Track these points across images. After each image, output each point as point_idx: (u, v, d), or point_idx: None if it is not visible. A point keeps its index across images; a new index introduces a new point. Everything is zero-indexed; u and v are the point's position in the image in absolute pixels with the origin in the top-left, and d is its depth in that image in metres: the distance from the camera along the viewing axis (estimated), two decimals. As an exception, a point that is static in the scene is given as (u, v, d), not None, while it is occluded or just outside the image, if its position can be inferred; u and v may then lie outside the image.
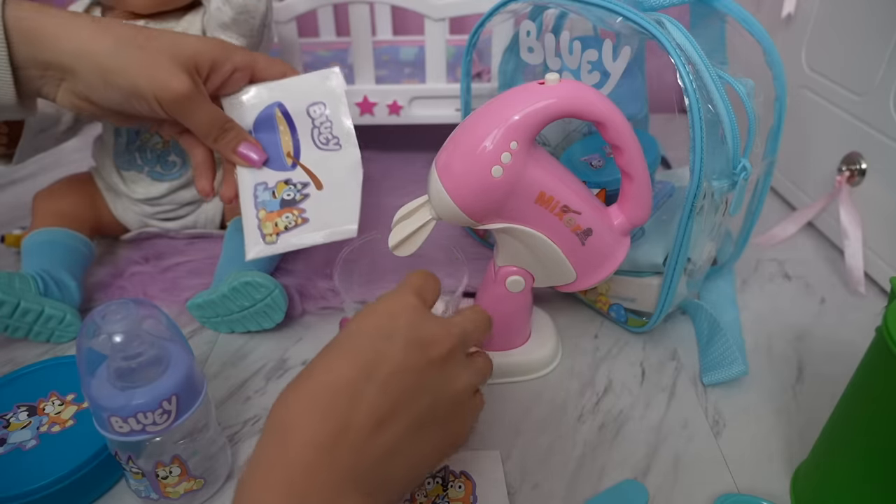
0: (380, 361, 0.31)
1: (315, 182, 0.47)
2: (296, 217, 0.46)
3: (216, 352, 0.58)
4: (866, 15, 0.64)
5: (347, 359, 0.31)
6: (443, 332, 0.34)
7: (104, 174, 0.69)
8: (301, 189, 0.47)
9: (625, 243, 0.48)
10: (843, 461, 0.39)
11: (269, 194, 0.47)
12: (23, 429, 0.45)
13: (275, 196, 0.47)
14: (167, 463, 0.39)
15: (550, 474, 0.45)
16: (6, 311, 0.54)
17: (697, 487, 0.44)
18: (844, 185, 0.67)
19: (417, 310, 0.34)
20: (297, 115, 0.48)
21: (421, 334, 0.33)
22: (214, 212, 0.71)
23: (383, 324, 0.32)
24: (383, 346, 0.31)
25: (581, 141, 0.61)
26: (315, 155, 0.48)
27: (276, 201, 0.47)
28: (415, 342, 0.32)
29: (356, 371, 0.30)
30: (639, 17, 0.46)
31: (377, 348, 0.31)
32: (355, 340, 0.32)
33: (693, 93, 0.44)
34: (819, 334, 0.59)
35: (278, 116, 0.48)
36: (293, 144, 0.48)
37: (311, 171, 0.47)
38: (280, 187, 0.47)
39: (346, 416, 0.29)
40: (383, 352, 0.31)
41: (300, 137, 0.48)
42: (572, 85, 0.41)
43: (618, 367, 0.55)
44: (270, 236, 0.47)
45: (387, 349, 0.31)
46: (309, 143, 0.48)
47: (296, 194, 0.47)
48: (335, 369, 0.31)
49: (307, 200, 0.47)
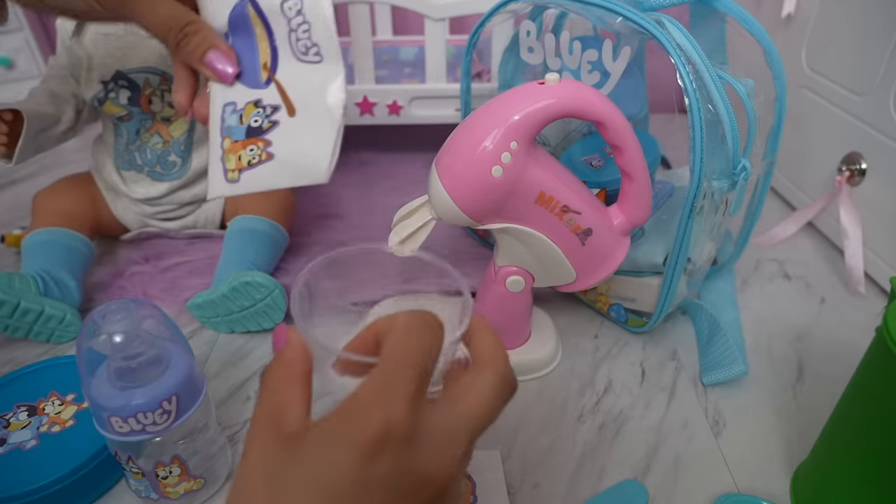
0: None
1: (287, 105, 0.37)
2: (260, 151, 0.36)
3: (216, 352, 0.58)
4: (866, 15, 0.64)
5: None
6: (442, 464, 0.24)
7: (104, 174, 0.69)
8: (270, 114, 0.37)
9: (625, 243, 0.48)
10: (842, 461, 0.39)
11: (237, 118, 0.37)
12: (23, 429, 0.45)
13: (242, 121, 0.37)
14: (167, 463, 0.39)
15: (550, 474, 0.45)
16: (6, 311, 0.54)
17: (697, 487, 0.44)
18: (844, 185, 0.67)
19: (404, 435, 0.23)
20: (271, 12, 0.37)
21: (412, 477, 0.23)
22: (214, 212, 0.71)
23: (358, 468, 0.22)
24: (360, 501, 0.22)
25: (581, 141, 0.61)
26: (292, 69, 0.37)
27: (241, 128, 0.37)
28: (403, 490, 0.23)
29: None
30: (639, 17, 0.46)
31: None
32: (317, 492, 0.22)
33: (693, 93, 0.44)
34: (819, 334, 0.59)
35: (251, 14, 0.37)
36: (270, 53, 0.37)
37: (285, 91, 0.37)
38: (248, 110, 0.37)
39: None
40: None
41: (277, 43, 0.37)
42: (572, 85, 0.41)
43: (618, 367, 0.55)
44: (233, 172, 0.37)
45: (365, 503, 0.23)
46: (287, 52, 0.37)
47: (263, 121, 0.37)
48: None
49: (275, 130, 0.37)
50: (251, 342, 0.59)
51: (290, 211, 0.71)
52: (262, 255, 0.63)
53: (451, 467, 0.24)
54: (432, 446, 0.24)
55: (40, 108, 0.61)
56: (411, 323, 0.26)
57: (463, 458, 0.25)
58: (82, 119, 0.66)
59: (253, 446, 0.25)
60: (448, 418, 0.25)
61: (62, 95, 0.64)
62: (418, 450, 0.23)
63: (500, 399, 0.27)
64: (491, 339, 0.29)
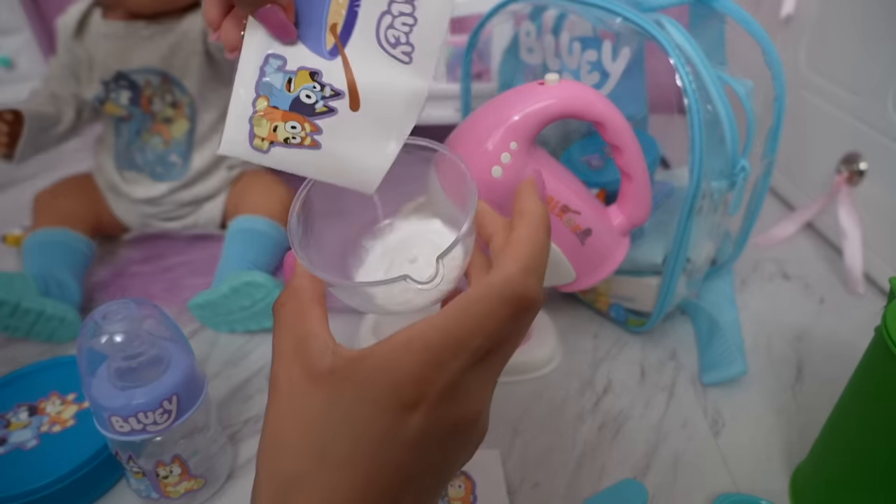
0: (395, 474, 0.23)
1: (352, 95, 0.29)
2: (304, 134, 0.29)
3: (217, 351, 0.58)
4: (865, 15, 0.65)
5: (355, 474, 0.22)
6: (471, 409, 0.24)
7: (105, 174, 0.69)
8: (328, 97, 0.29)
9: (624, 243, 0.48)
10: (842, 460, 0.39)
11: (282, 81, 0.29)
12: (23, 428, 0.45)
13: (289, 88, 0.29)
14: (168, 462, 0.40)
15: (550, 474, 0.45)
16: (6, 311, 0.54)
17: (697, 487, 0.44)
18: (843, 185, 0.67)
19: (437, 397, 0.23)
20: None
21: (443, 428, 0.23)
22: (215, 212, 0.72)
23: (392, 426, 0.22)
24: (396, 455, 0.23)
25: (581, 141, 0.61)
26: (369, 53, 0.29)
27: (287, 96, 0.29)
28: (435, 440, 0.23)
29: (368, 491, 0.22)
30: (638, 17, 0.46)
31: (388, 459, 0.23)
32: (360, 445, 0.22)
33: (692, 93, 0.44)
34: (818, 334, 0.59)
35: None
36: (345, 17, 0.28)
37: (353, 76, 0.29)
38: (301, 78, 0.29)
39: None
40: (397, 461, 0.23)
41: (360, 14, 0.28)
42: (572, 85, 0.41)
43: (617, 366, 0.55)
44: (262, 141, 0.30)
45: (400, 457, 0.23)
46: (369, 30, 0.28)
47: (318, 100, 0.29)
48: (343, 488, 0.22)
49: (329, 118, 0.29)
50: (251, 342, 0.59)
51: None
52: (263, 254, 0.63)
53: (479, 409, 0.24)
54: (466, 396, 0.23)
55: (41, 108, 0.61)
56: (494, 298, 0.23)
57: (491, 392, 0.25)
58: (83, 119, 0.66)
59: (280, 388, 0.24)
60: (483, 371, 0.24)
61: (62, 96, 0.65)
62: (450, 404, 0.23)
63: (499, 315, 0.23)
64: (500, 238, 0.26)
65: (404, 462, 0.23)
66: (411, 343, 0.23)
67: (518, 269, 0.23)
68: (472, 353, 0.23)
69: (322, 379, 0.23)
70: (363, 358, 0.23)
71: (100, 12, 0.66)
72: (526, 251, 0.24)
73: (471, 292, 0.23)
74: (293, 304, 0.26)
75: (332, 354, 0.23)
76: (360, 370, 0.23)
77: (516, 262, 0.24)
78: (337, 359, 0.23)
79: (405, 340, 0.23)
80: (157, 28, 0.64)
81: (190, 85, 0.66)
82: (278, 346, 0.25)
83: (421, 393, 0.22)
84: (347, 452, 0.22)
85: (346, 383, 0.23)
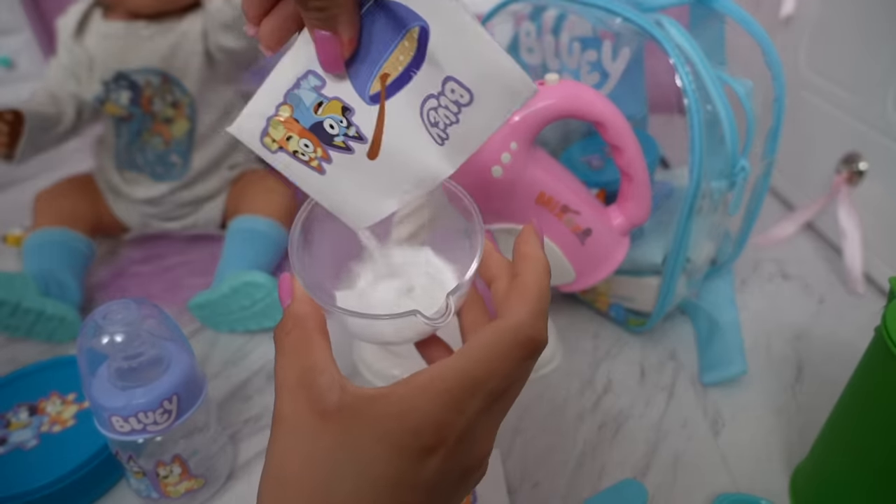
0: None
1: (374, 145, 0.29)
2: (314, 156, 0.30)
3: (217, 351, 0.58)
4: (865, 16, 0.65)
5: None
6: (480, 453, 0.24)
7: (105, 174, 0.69)
8: (349, 136, 0.29)
9: (624, 243, 0.48)
10: (841, 460, 0.39)
11: (314, 100, 0.29)
12: (23, 428, 0.45)
13: (317, 111, 0.29)
14: (168, 462, 0.40)
15: (550, 473, 0.45)
16: (6, 311, 0.54)
17: (697, 486, 0.44)
18: (843, 185, 0.67)
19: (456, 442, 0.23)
20: (433, 65, 0.27)
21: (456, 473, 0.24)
22: (215, 212, 0.72)
23: (407, 469, 0.22)
24: (407, 498, 0.23)
25: (581, 141, 0.61)
26: (407, 116, 0.28)
27: (311, 116, 0.29)
28: (446, 484, 0.24)
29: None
30: (638, 17, 0.46)
31: (399, 502, 0.23)
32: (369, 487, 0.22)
33: (692, 93, 0.44)
34: (818, 334, 0.59)
35: (411, 36, 0.27)
36: (399, 73, 0.28)
37: (383, 130, 0.29)
38: (332, 106, 0.29)
39: None
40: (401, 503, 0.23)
41: (414, 80, 0.28)
42: (572, 85, 0.42)
43: (617, 366, 0.56)
44: (272, 141, 0.30)
45: (411, 500, 0.23)
46: (414, 100, 0.28)
47: (340, 134, 0.29)
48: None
49: (343, 154, 0.29)
50: (251, 342, 0.59)
51: (291, 211, 0.71)
52: (263, 254, 0.63)
53: (488, 450, 0.25)
54: (477, 441, 0.24)
55: (41, 108, 0.61)
56: (508, 341, 0.23)
57: (495, 434, 0.25)
58: (83, 119, 0.67)
59: (286, 421, 0.23)
60: (494, 414, 0.24)
61: (62, 96, 0.65)
62: (465, 449, 0.23)
63: (512, 358, 0.24)
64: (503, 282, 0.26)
65: (416, 502, 0.23)
66: (432, 385, 0.23)
67: (528, 313, 0.24)
68: (488, 395, 0.23)
69: (330, 415, 0.23)
70: (379, 398, 0.23)
71: (100, 12, 0.66)
72: (534, 296, 0.25)
73: (486, 336, 0.24)
74: (298, 333, 0.25)
75: (340, 390, 0.23)
76: (375, 410, 0.23)
77: (526, 306, 0.24)
78: (346, 395, 0.23)
79: (425, 383, 0.23)
80: (158, 28, 0.64)
81: (190, 85, 0.66)
82: (282, 378, 0.24)
83: (442, 437, 0.22)
84: (354, 492, 0.22)
85: (357, 422, 0.23)
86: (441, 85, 0.27)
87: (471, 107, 0.27)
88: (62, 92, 0.65)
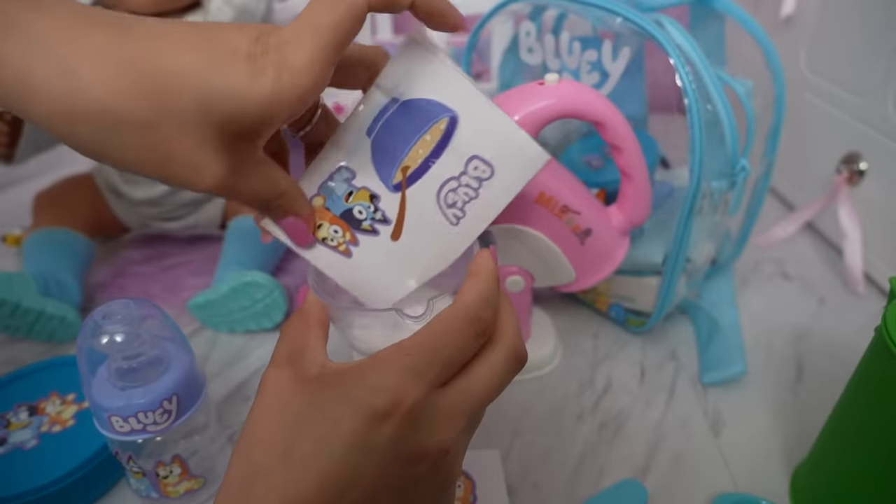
0: (353, 482, 0.24)
1: (397, 227, 0.32)
2: (343, 241, 0.33)
3: (216, 351, 0.58)
4: (865, 16, 0.65)
5: (315, 474, 0.23)
6: (439, 440, 0.25)
7: (105, 175, 0.69)
8: (376, 220, 0.32)
9: (624, 243, 0.48)
10: (842, 460, 0.39)
11: (345, 190, 0.32)
12: (23, 428, 0.45)
13: (347, 199, 0.32)
14: (168, 462, 0.40)
15: (550, 473, 0.45)
16: (6, 311, 0.54)
17: (697, 486, 0.44)
18: (843, 185, 0.67)
19: (410, 410, 0.24)
20: (454, 150, 0.31)
21: (409, 448, 0.24)
22: (215, 212, 0.72)
23: (362, 431, 0.23)
24: (359, 463, 0.24)
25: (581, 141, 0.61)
26: (426, 204, 0.32)
27: (342, 205, 0.32)
28: (399, 459, 0.24)
29: (324, 493, 0.23)
30: (638, 17, 0.46)
31: (351, 464, 0.23)
32: (327, 446, 0.23)
33: (692, 93, 0.44)
34: (818, 334, 0.59)
35: (437, 128, 0.31)
36: (419, 165, 0.31)
37: (404, 215, 0.32)
38: (361, 195, 0.32)
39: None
40: (358, 469, 0.24)
41: (431, 170, 0.31)
42: (572, 85, 0.42)
43: (617, 366, 0.55)
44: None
45: (363, 466, 0.24)
46: (432, 187, 0.32)
47: (367, 218, 0.32)
48: (302, 486, 0.23)
49: (370, 236, 0.32)
50: (251, 342, 0.59)
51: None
52: (263, 254, 0.63)
53: (447, 444, 0.25)
54: (434, 423, 0.25)
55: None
56: (460, 317, 0.26)
57: (463, 433, 0.26)
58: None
59: (267, 387, 0.26)
60: (456, 399, 0.25)
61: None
62: (419, 426, 0.24)
63: (509, 375, 0.27)
64: (503, 309, 0.28)
65: (366, 471, 0.24)
66: (394, 354, 0.25)
67: (478, 295, 0.27)
68: (445, 363, 0.25)
69: (307, 383, 0.25)
70: (348, 369, 0.25)
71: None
72: (483, 284, 0.27)
73: (443, 314, 0.26)
74: (298, 321, 0.28)
75: (321, 366, 0.26)
76: (343, 378, 0.25)
77: (476, 291, 0.27)
78: (325, 370, 0.25)
79: (390, 353, 0.25)
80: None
81: (190, 85, 0.66)
82: (275, 354, 0.27)
83: (396, 400, 0.24)
84: (313, 451, 0.23)
85: (328, 387, 0.25)
86: (464, 165, 0.31)
87: (490, 180, 0.31)
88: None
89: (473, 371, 0.26)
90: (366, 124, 0.31)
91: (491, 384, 0.26)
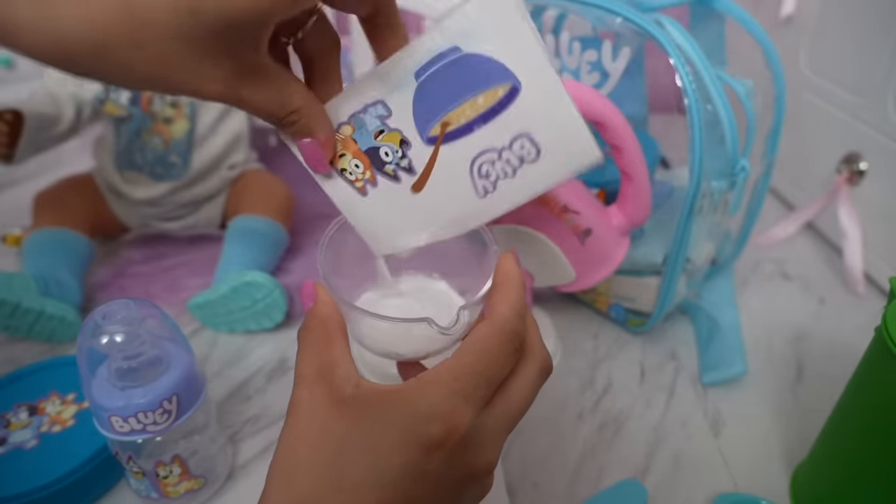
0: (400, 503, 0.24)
1: (419, 181, 0.30)
2: (362, 177, 0.31)
3: (216, 351, 0.58)
4: (865, 16, 0.65)
5: (371, 502, 0.23)
6: (487, 460, 0.25)
7: (105, 174, 0.69)
8: (401, 166, 0.30)
9: (624, 243, 0.48)
10: (842, 460, 0.39)
11: (376, 126, 0.30)
12: (23, 428, 0.45)
13: (377, 137, 0.30)
14: (168, 462, 0.40)
15: (550, 473, 0.45)
16: (6, 311, 0.54)
17: (697, 486, 0.44)
18: (843, 185, 0.67)
19: (462, 437, 0.24)
20: (504, 122, 0.28)
21: (460, 471, 0.24)
22: (215, 212, 0.72)
23: (416, 459, 0.23)
24: (413, 488, 0.23)
25: (581, 141, 0.60)
26: (457, 166, 0.29)
27: (371, 141, 0.30)
28: (450, 481, 0.24)
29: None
30: (638, 17, 0.46)
31: (405, 490, 0.23)
32: (380, 474, 0.23)
33: (692, 93, 0.44)
34: (818, 334, 0.59)
35: (493, 93, 0.27)
36: (462, 126, 0.28)
37: (431, 170, 0.30)
38: (392, 136, 0.30)
39: None
40: (412, 494, 0.24)
41: (473, 135, 0.28)
42: (572, 85, 0.42)
43: (617, 366, 0.55)
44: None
45: (416, 492, 0.24)
46: (469, 152, 0.29)
47: (393, 163, 0.30)
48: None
49: (390, 181, 0.30)
50: (251, 342, 0.59)
51: (291, 211, 0.71)
52: (263, 254, 0.63)
53: (493, 461, 0.25)
54: (482, 444, 0.25)
55: (41, 108, 0.61)
56: (499, 334, 0.26)
57: (501, 447, 0.26)
58: (83, 119, 0.66)
59: (301, 409, 0.25)
60: (499, 418, 0.26)
61: (62, 96, 0.65)
62: (468, 449, 0.24)
63: (540, 387, 0.28)
64: (528, 319, 0.28)
65: (420, 496, 0.24)
66: (441, 378, 0.24)
67: (510, 310, 0.26)
68: (489, 383, 0.25)
69: (346, 404, 0.24)
70: (392, 391, 0.24)
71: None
72: (513, 298, 0.27)
73: (480, 332, 0.25)
74: (320, 331, 0.27)
75: (356, 384, 0.25)
76: (389, 401, 0.24)
77: (508, 305, 0.26)
78: (361, 389, 0.25)
79: (435, 377, 0.24)
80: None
81: (190, 85, 0.66)
82: (302, 370, 0.26)
83: (450, 428, 0.23)
84: (365, 479, 0.23)
85: (371, 411, 0.24)
86: (510, 140, 0.28)
87: (534, 164, 0.28)
88: (61, 92, 0.65)
89: (511, 388, 0.26)
90: (417, 65, 0.27)
91: (527, 399, 0.27)
